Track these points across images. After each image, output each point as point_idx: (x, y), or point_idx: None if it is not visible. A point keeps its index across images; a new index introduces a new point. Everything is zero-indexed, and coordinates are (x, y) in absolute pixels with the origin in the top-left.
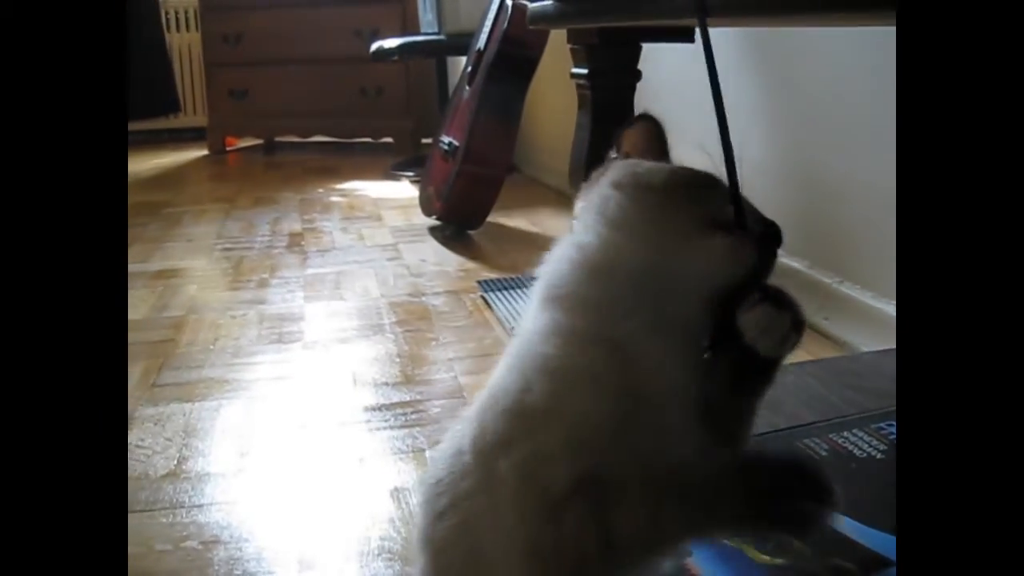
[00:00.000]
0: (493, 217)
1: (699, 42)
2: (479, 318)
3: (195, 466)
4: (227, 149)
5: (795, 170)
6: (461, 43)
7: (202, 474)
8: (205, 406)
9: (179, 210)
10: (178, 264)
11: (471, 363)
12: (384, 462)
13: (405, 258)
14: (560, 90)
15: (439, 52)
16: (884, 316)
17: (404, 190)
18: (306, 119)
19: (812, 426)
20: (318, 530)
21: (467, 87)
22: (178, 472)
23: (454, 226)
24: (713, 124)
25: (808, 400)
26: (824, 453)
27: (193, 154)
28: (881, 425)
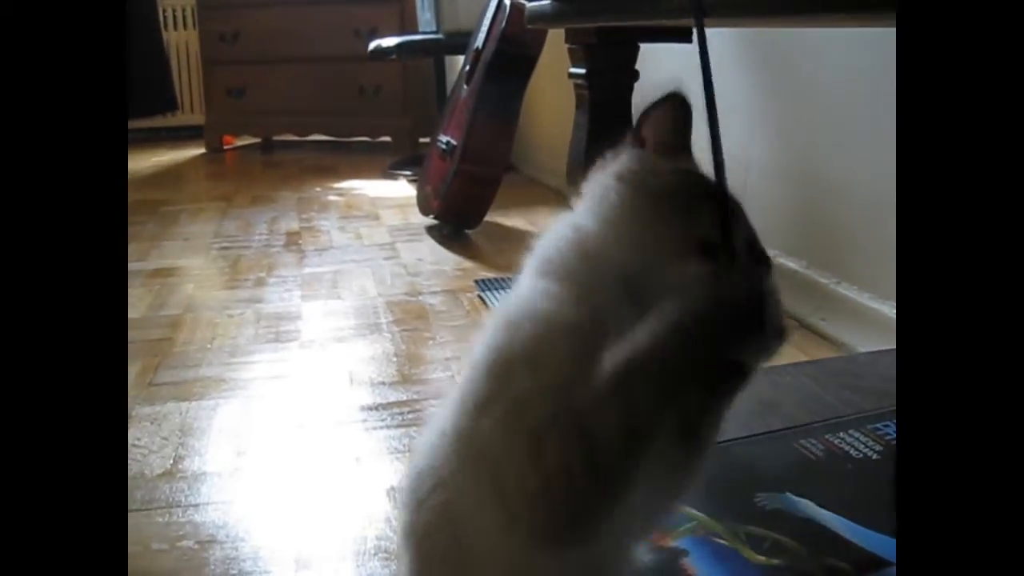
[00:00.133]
0: (491, 216)
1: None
2: (476, 317)
3: (191, 465)
4: (224, 148)
5: (793, 170)
6: (459, 42)
7: (198, 473)
8: (202, 405)
9: (176, 208)
10: (175, 263)
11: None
12: (381, 461)
13: (402, 257)
14: (558, 90)
15: (437, 51)
16: (881, 317)
17: (402, 189)
18: (304, 118)
19: (808, 427)
20: (314, 529)
21: (465, 86)
22: (174, 471)
23: (452, 225)
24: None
25: (804, 401)
26: (820, 454)
27: (190, 152)
28: (878, 426)
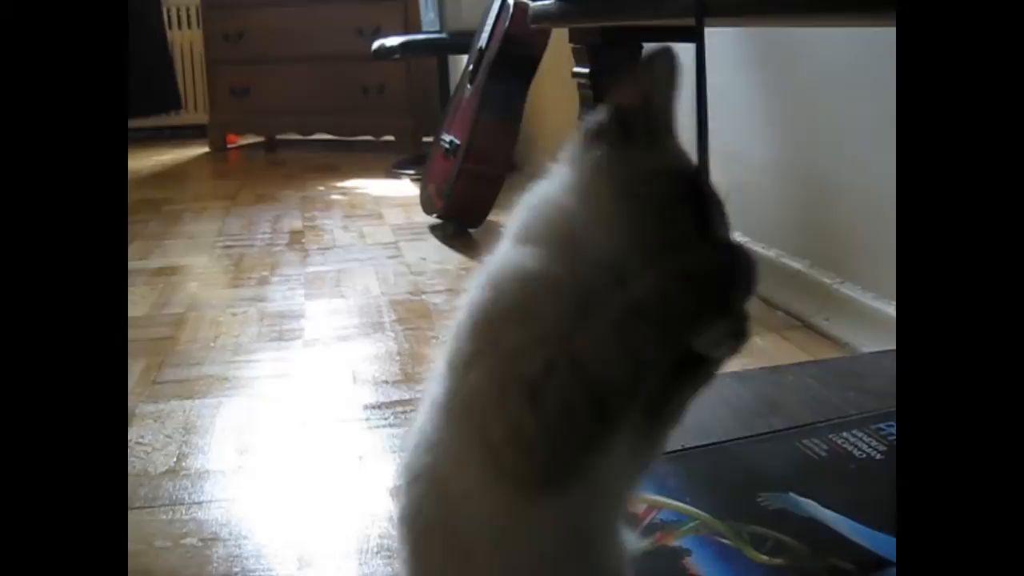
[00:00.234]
0: (494, 216)
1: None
2: None
3: (195, 463)
4: (228, 147)
5: (795, 170)
6: (463, 42)
7: (202, 471)
8: (205, 403)
9: (180, 207)
10: (179, 261)
11: None
12: (383, 460)
13: (406, 256)
14: (561, 89)
15: (441, 51)
16: (884, 317)
17: (405, 188)
18: (307, 117)
19: (812, 427)
20: (317, 527)
21: (468, 86)
22: (178, 469)
23: (455, 224)
24: (714, 126)
25: (808, 400)
26: (824, 454)
27: (194, 151)
28: (880, 426)
